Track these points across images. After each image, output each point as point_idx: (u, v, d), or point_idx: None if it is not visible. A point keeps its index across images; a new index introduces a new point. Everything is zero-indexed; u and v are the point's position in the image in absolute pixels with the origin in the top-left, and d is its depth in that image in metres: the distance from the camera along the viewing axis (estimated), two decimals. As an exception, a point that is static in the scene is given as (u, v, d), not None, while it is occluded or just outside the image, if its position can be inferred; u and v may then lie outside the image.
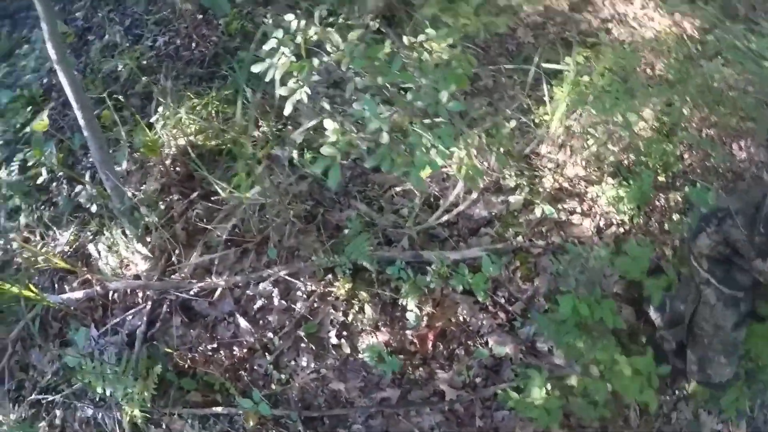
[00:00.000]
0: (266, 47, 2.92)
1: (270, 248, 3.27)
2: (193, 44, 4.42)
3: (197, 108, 3.74)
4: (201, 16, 4.53)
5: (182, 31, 4.54)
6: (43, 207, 3.89)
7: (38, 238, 3.82)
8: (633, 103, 3.58)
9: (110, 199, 3.39)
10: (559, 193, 3.74)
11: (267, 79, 2.81)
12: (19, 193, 3.87)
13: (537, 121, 3.97)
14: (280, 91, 2.78)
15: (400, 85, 2.93)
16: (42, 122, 3.82)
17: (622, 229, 3.66)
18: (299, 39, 2.85)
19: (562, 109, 3.68)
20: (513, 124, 3.81)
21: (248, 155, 3.49)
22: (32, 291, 3.29)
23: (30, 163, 3.93)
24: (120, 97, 4.10)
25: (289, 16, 3.03)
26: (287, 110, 2.75)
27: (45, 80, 4.53)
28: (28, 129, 4.22)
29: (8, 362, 3.40)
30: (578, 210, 3.69)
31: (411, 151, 2.69)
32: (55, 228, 3.78)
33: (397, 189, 3.54)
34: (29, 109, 4.34)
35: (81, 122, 3.10)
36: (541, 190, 3.68)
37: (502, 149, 3.58)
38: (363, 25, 4.35)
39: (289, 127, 3.74)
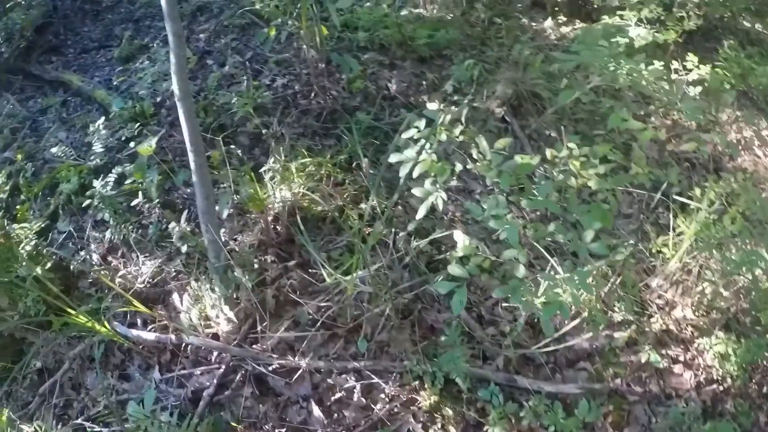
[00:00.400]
0: (405, 136, 2.76)
1: (360, 339, 3.08)
2: (312, 93, 4.30)
3: (309, 167, 3.60)
4: (324, 65, 4.42)
5: (303, 77, 4.44)
6: (131, 227, 3.78)
7: (120, 258, 3.73)
8: (759, 254, 3.34)
9: (204, 247, 3.27)
10: (664, 336, 3.49)
11: (402, 175, 2.64)
12: (110, 208, 3.77)
13: (653, 250, 3.73)
14: (414, 192, 2.61)
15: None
16: (149, 147, 3.73)
17: (721, 387, 3.39)
18: (443, 136, 2.68)
19: (685, 247, 3.45)
20: (629, 251, 3.59)
21: (354, 231, 3.33)
22: (105, 327, 3.17)
23: (127, 181, 3.87)
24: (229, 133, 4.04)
25: (432, 106, 2.86)
26: (420, 214, 2.57)
27: (158, 98, 4.46)
28: (132, 144, 4.16)
29: (61, 378, 3.28)
30: (681, 358, 3.44)
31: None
32: (139, 252, 3.68)
33: (503, 303, 3.33)
34: (137, 124, 4.27)
35: (192, 165, 2.96)
36: (647, 329, 3.43)
37: (617, 281, 3.35)
38: (488, 109, 4.20)
39: (400, 207, 3.57)
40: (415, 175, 2.60)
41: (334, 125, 4.10)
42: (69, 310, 3.02)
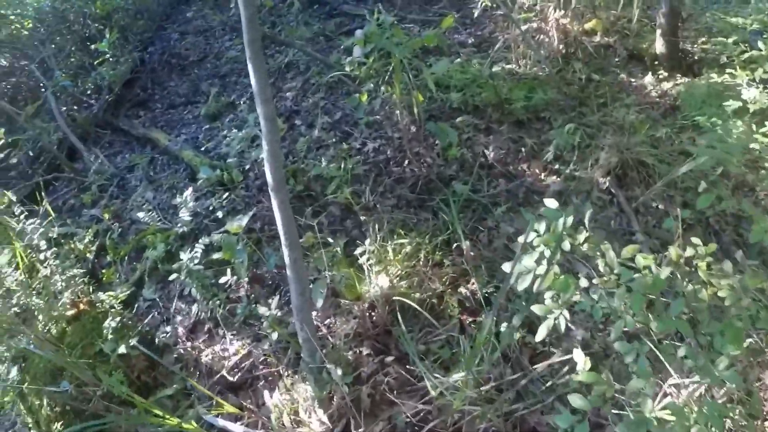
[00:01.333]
0: (523, 239, 2.50)
1: (461, 446, 2.86)
2: (406, 161, 4.11)
3: (406, 248, 3.40)
4: (415, 129, 4.23)
5: (395, 142, 4.26)
6: (218, 303, 3.66)
7: (206, 334, 3.62)
8: None
9: (294, 339, 3.10)
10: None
11: (521, 288, 2.41)
12: (197, 282, 3.66)
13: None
14: (534, 309, 2.37)
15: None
16: (238, 226, 3.62)
17: None
18: (567, 245, 2.42)
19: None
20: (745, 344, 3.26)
21: (452, 321, 3.12)
22: (191, 425, 3.04)
23: (215, 255, 3.77)
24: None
25: (552, 203, 2.59)
26: (540, 335, 2.33)
27: (246, 166, 4.35)
28: (220, 214, 4.07)
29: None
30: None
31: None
32: (226, 330, 3.56)
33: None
34: (225, 193, 4.18)
35: (286, 260, 2.75)
36: (765, 434, 3.10)
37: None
38: (591, 179, 3.92)
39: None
40: (535, 289, 2.36)
41: (429, 196, 3.89)
42: (155, 411, 2.89)
